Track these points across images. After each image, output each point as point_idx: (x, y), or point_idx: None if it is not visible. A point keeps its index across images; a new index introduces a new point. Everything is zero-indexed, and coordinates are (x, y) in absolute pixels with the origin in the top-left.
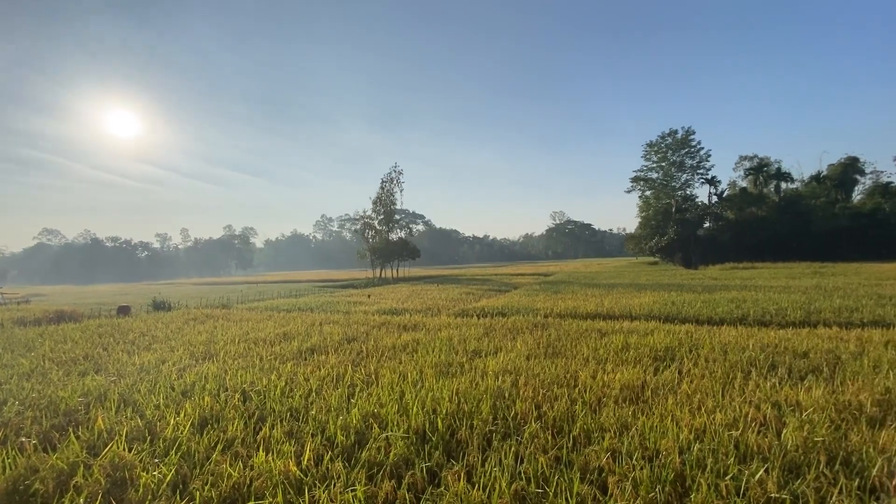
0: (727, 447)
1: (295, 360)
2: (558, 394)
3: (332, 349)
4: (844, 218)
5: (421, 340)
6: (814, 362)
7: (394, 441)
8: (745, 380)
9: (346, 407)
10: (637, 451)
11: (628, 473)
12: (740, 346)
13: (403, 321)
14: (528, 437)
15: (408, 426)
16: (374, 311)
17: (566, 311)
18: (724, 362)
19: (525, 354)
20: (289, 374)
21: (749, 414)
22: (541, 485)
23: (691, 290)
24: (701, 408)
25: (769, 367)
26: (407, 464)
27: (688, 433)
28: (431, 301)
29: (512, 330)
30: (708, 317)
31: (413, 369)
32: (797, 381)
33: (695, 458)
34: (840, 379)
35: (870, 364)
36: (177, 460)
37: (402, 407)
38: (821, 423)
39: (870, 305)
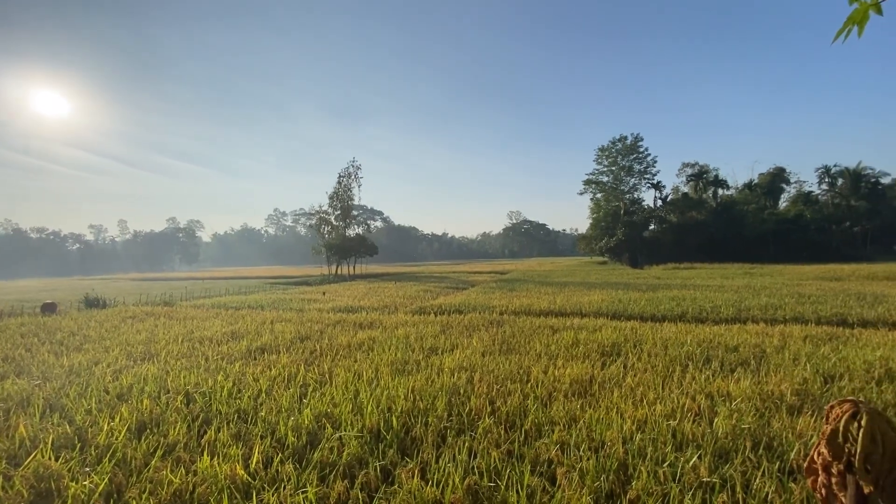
0: (666, 436)
1: (244, 360)
2: (512, 389)
3: (284, 348)
4: (772, 223)
5: (377, 338)
6: (743, 356)
7: (347, 441)
8: (682, 373)
9: (297, 407)
10: (584, 442)
11: (576, 464)
12: (679, 341)
13: (359, 319)
14: (482, 433)
15: (362, 425)
16: (329, 308)
17: (521, 309)
18: (665, 357)
19: (481, 351)
20: (237, 375)
21: (686, 405)
22: (493, 479)
23: (637, 288)
24: (643, 400)
25: (704, 360)
26: (360, 463)
27: (631, 424)
28: (389, 299)
29: (468, 327)
30: (651, 314)
31: (369, 368)
32: (728, 374)
33: (637, 448)
34: (765, 371)
35: (790, 357)
36: (111, 468)
37: (357, 406)
38: (747, 412)
39: (791, 304)
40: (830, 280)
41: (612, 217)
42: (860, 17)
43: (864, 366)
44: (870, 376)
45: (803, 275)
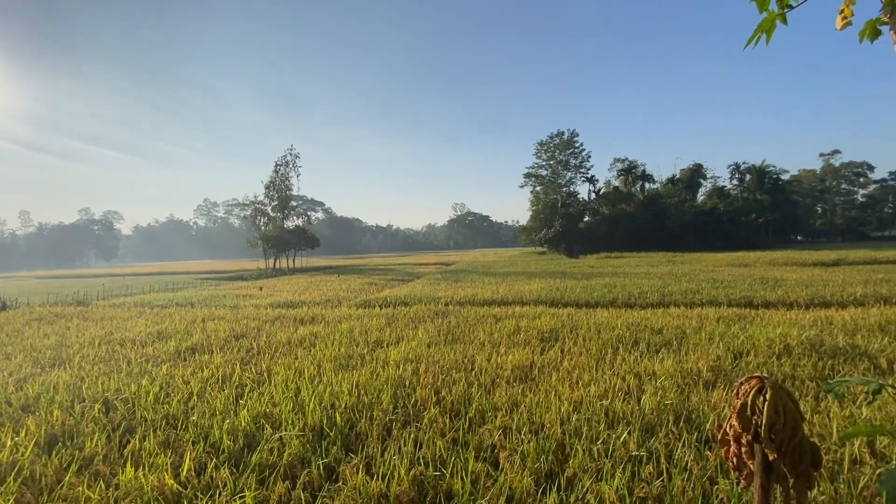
0: (599, 415)
1: (172, 362)
2: (457, 378)
3: (218, 347)
4: (691, 215)
5: (319, 334)
6: (666, 337)
7: (288, 440)
8: (614, 355)
9: (233, 409)
10: (525, 425)
11: (517, 447)
12: (611, 325)
13: (300, 314)
14: (428, 423)
15: (304, 424)
16: (266, 304)
17: (465, 299)
18: (598, 340)
19: (426, 342)
20: (164, 378)
21: (617, 385)
22: (438, 467)
23: (573, 277)
24: (579, 382)
25: (633, 342)
26: (303, 462)
27: (568, 406)
28: (332, 292)
29: (414, 319)
30: (586, 300)
31: (310, 364)
32: (654, 354)
33: (573, 428)
34: (685, 350)
35: (706, 337)
36: (16, 487)
37: (298, 404)
38: (670, 389)
39: (707, 288)
40: (739, 266)
41: (550, 209)
42: (768, 25)
43: (766, 342)
44: (771, 352)
45: (717, 262)
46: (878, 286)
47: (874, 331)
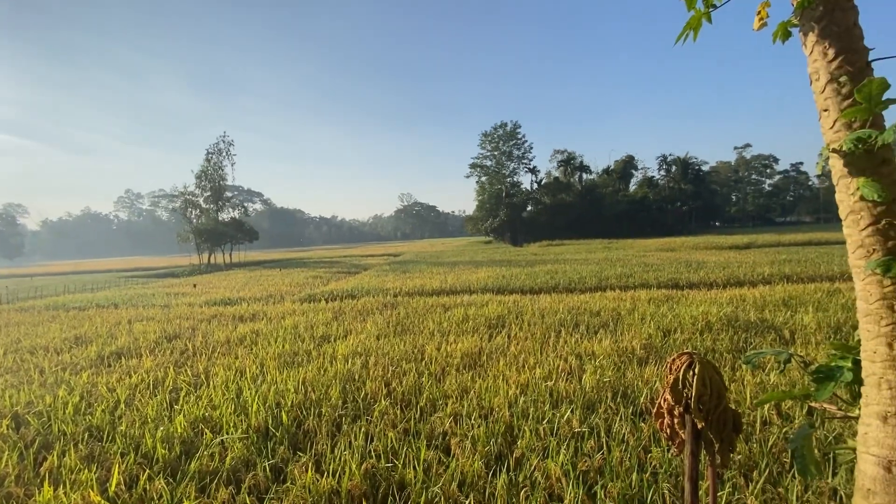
0: (544, 396)
1: (94, 369)
2: (407, 369)
3: (147, 350)
4: (624, 203)
5: (261, 331)
6: (603, 319)
7: (230, 444)
8: (557, 338)
9: (168, 415)
10: (475, 411)
11: (468, 433)
12: (553, 310)
13: (240, 311)
14: (378, 415)
15: (247, 425)
16: (201, 302)
17: (414, 290)
18: (542, 325)
19: (375, 334)
20: (85, 387)
21: (560, 366)
22: (391, 459)
23: (518, 265)
24: (525, 365)
25: (574, 325)
26: (248, 465)
27: (515, 389)
28: (273, 287)
29: (362, 311)
30: (530, 287)
31: (253, 363)
32: (593, 335)
33: (520, 410)
34: (620, 330)
35: (639, 317)
36: None
37: (240, 406)
38: (608, 367)
39: (639, 272)
40: (667, 251)
41: (495, 199)
42: (696, 23)
43: (691, 320)
44: (695, 328)
45: (648, 247)
46: (782, 266)
47: (779, 306)
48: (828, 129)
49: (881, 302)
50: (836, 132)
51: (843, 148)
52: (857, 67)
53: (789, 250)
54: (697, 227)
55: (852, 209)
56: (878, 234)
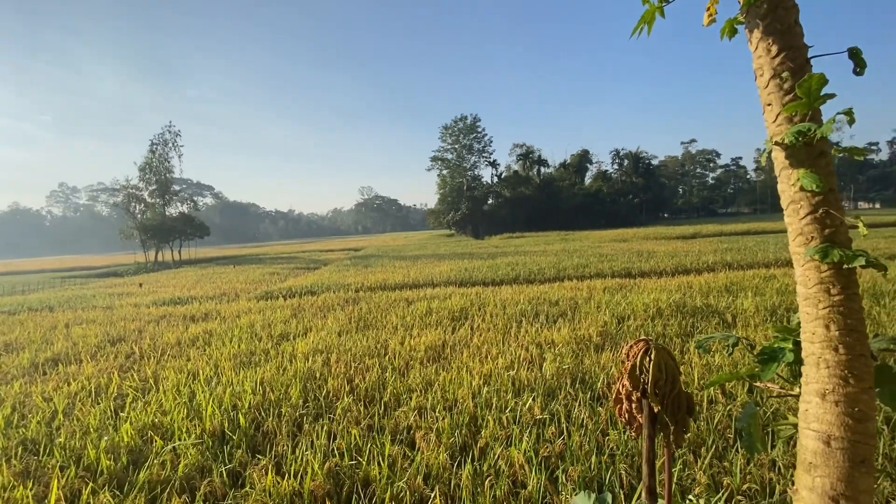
0: (507, 385)
1: (27, 377)
2: (370, 364)
3: (88, 356)
4: (580, 196)
5: (215, 331)
6: (562, 308)
7: (183, 451)
8: (518, 328)
9: (113, 424)
10: (439, 403)
11: (432, 425)
12: (514, 300)
13: (191, 311)
14: (341, 413)
15: (202, 430)
16: (149, 302)
17: (376, 284)
18: (504, 315)
19: (336, 331)
20: (17, 398)
21: (521, 355)
22: (354, 456)
23: (479, 257)
24: (488, 356)
25: (534, 315)
26: (203, 472)
27: (479, 380)
28: (227, 285)
29: (322, 308)
30: (492, 279)
31: (206, 365)
32: (552, 324)
33: (484, 400)
34: (578, 319)
35: (595, 306)
36: None
37: (194, 410)
38: (567, 355)
39: (595, 262)
40: (620, 242)
41: (456, 192)
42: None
43: (643, 307)
44: (647, 315)
45: (602, 238)
46: (724, 254)
47: (722, 291)
48: (771, 123)
49: (819, 286)
50: (778, 126)
51: (785, 141)
52: (798, 64)
53: (730, 239)
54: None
55: (793, 199)
56: (816, 222)
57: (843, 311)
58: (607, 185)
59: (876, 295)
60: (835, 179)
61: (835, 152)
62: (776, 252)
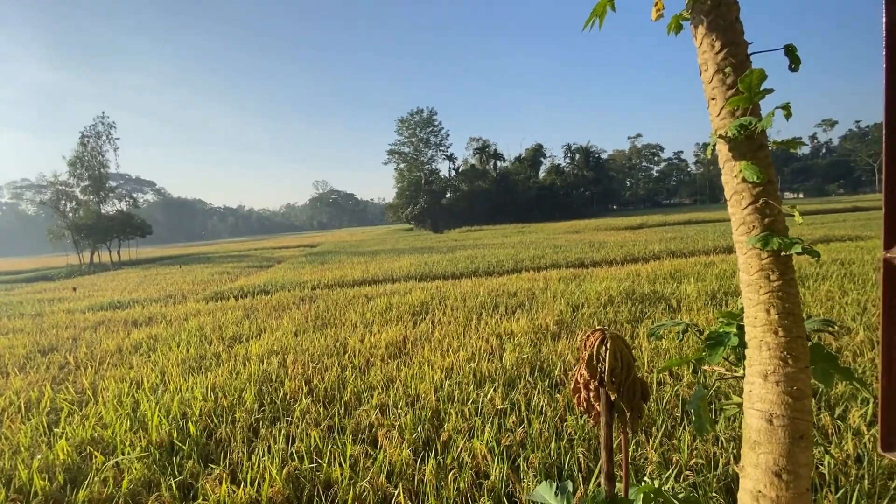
0: (468, 377)
1: None
2: (329, 364)
3: (16, 368)
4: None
5: (160, 336)
6: (520, 299)
7: (127, 465)
8: (478, 320)
9: (46, 441)
10: (401, 399)
11: (395, 423)
12: (474, 293)
13: (133, 315)
14: (300, 415)
15: (147, 442)
16: (84, 307)
17: (334, 281)
18: (465, 308)
19: (293, 331)
20: None
21: (482, 347)
22: (314, 459)
23: (439, 251)
24: (449, 349)
25: (493, 307)
26: (150, 487)
27: (440, 373)
28: (173, 286)
29: (277, 307)
30: (452, 272)
31: (151, 372)
32: (511, 315)
33: (446, 393)
34: (535, 309)
35: (551, 295)
36: None
37: (138, 421)
38: (526, 344)
39: (550, 253)
40: (573, 233)
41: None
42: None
43: (595, 295)
44: (599, 303)
45: (556, 230)
46: (669, 243)
47: (668, 278)
48: (715, 117)
49: (760, 273)
50: (721, 119)
51: (728, 134)
52: (740, 60)
53: (674, 229)
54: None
55: (735, 190)
56: (757, 212)
57: (781, 295)
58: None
59: (801, 278)
60: (773, 171)
61: (773, 145)
62: (714, 240)
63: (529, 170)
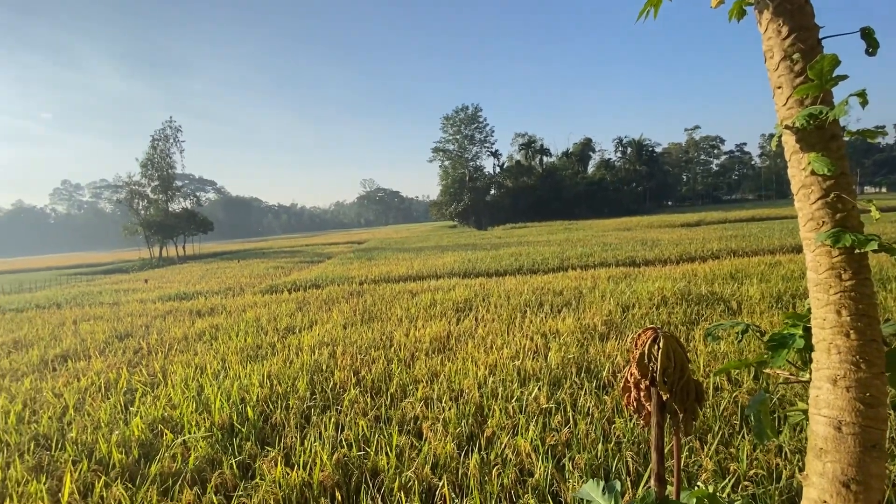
0: (512, 375)
1: (37, 374)
2: (375, 356)
3: (97, 351)
4: (583, 185)
5: (221, 325)
6: (566, 298)
7: (193, 444)
8: (522, 318)
9: (123, 418)
10: (445, 394)
11: (439, 416)
12: (518, 291)
13: (197, 306)
14: (348, 404)
15: (211, 423)
16: (155, 298)
17: (380, 277)
18: (508, 306)
19: (342, 324)
20: (28, 393)
21: (526, 345)
22: (362, 447)
23: (483, 248)
24: (493, 346)
25: (538, 305)
26: (213, 464)
27: (484, 370)
28: (232, 279)
29: (327, 301)
30: (496, 270)
31: (213, 359)
32: (556, 314)
33: (490, 390)
34: (582, 308)
35: (599, 295)
36: None
37: (202, 403)
38: (572, 344)
39: (598, 251)
40: (624, 230)
41: (459, 183)
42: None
43: (648, 296)
44: (652, 303)
45: (606, 227)
46: (729, 241)
47: (727, 279)
48: (781, 106)
49: (830, 272)
50: (788, 109)
51: (796, 124)
52: (809, 45)
53: (735, 226)
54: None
55: (803, 184)
56: (827, 206)
57: (854, 296)
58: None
59: (882, 280)
60: (846, 163)
61: (847, 135)
62: (781, 238)
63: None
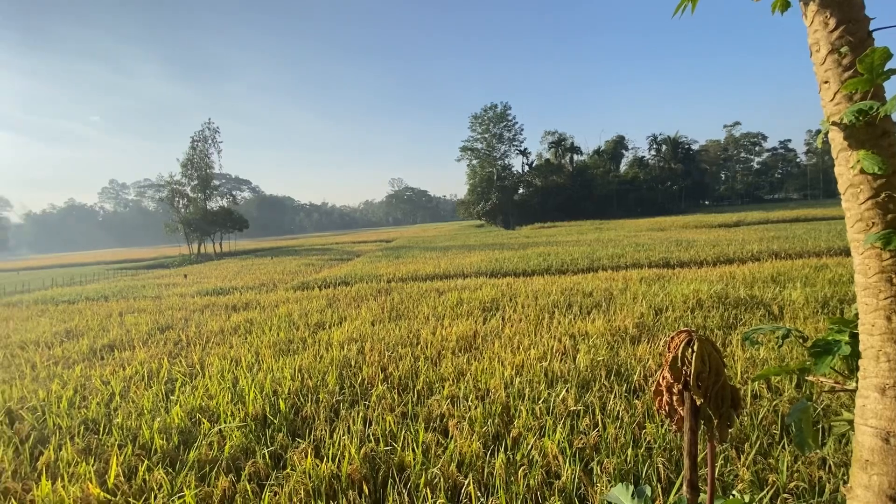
0: (539, 376)
1: (87, 362)
2: (403, 353)
3: (140, 342)
4: (615, 184)
5: (255, 320)
6: (596, 299)
7: (229, 433)
8: (550, 319)
9: (164, 406)
10: (472, 392)
11: (465, 414)
12: (546, 291)
13: (233, 301)
14: (376, 400)
15: (245, 414)
16: (193, 292)
17: (408, 275)
18: (536, 306)
19: (370, 321)
20: (79, 380)
21: (554, 346)
22: (389, 442)
23: (510, 248)
24: (520, 347)
25: (567, 306)
26: (247, 453)
27: (511, 370)
28: (266, 276)
29: (356, 298)
30: (523, 269)
31: (248, 352)
32: (586, 315)
33: (516, 390)
34: (613, 310)
35: (630, 297)
36: None
37: (237, 394)
38: (601, 346)
39: (630, 252)
40: (657, 230)
41: (486, 182)
42: None
43: (682, 298)
44: (686, 306)
45: (638, 227)
46: (770, 243)
47: (768, 282)
48: (828, 102)
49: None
50: (836, 104)
51: (844, 120)
52: (859, 37)
53: (777, 227)
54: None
55: (852, 183)
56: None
57: None
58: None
59: None
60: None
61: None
62: (829, 240)
63: (609, 163)
